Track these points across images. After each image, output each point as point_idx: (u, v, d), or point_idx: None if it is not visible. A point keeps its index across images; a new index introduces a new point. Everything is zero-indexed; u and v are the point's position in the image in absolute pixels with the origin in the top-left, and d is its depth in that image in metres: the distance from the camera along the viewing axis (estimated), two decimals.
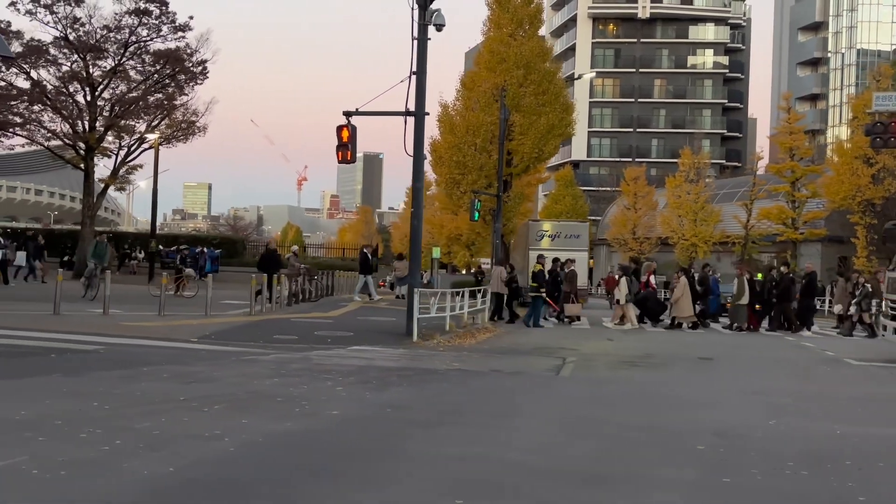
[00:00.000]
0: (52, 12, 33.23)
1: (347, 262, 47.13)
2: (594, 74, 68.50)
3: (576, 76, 53.91)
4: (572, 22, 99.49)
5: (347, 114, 16.57)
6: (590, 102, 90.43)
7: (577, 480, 5.90)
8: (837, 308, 25.05)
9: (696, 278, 24.01)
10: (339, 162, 16.58)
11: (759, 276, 24.78)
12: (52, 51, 34.32)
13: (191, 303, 21.37)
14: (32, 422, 7.10)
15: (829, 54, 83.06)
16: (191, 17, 34.65)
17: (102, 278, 21.51)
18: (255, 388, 9.44)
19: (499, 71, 28.70)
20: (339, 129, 16.55)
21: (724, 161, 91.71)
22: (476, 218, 28.09)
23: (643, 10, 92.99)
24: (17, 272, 28.78)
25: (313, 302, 24.92)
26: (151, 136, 34.90)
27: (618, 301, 23.16)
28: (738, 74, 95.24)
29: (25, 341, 13.09)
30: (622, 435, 7.58)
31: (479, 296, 21.91)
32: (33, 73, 34.16)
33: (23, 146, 36.08)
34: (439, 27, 16.42)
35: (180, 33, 34.80)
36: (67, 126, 34.74)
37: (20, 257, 29.16)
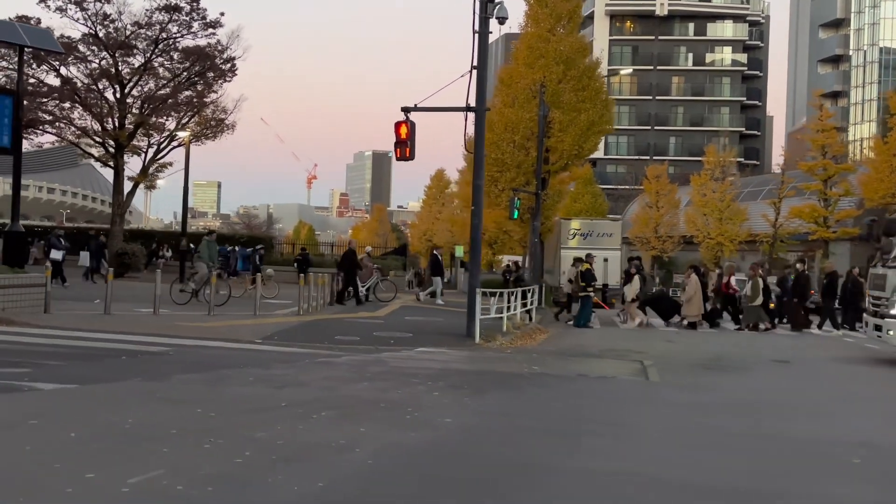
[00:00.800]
0: (82, 9, 32.92)
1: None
2: (630, 71, 68.00)
3: (608, 74, 53.42)
4: (589, 19, 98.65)
5: (406, 109, 16.18)
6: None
7: (757, 499, 5.52)
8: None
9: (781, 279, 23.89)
10: (398, 159, 16.17)
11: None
12: (81, 48, 34.03)
13: (237, 302, 21.00)
14: (146, 431, 6.75)
15: (851, 51, 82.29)
16: (222, 14, 34.37)
17: (193, 281, 21.27)
18: (350, 393, 9.09)
19: (537, 67, 28.25)
20: (398, 125, 16.16)
21: (742, 159, 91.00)
22: (516, 216, 27.66)
23: (661, 7, 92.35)
24: (86, 272, 28.68)
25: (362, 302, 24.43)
26: (182, 134, 34.56)
27: (629, 299, 22.65)
28: (757, 72, 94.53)
29: (89, 342, 12.76)
30: (759, 447, 7.20)
31: (529, 295, 21.46)
32: (63, 71, 33.88)
33: (52, 143, 35.84)
34: (502, 20, 16.04)
35: (210, 30, 34.47)
36: (97, 124, 34.45)
37: (83, 257, 28.97)
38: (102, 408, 7.83)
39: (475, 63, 15.89)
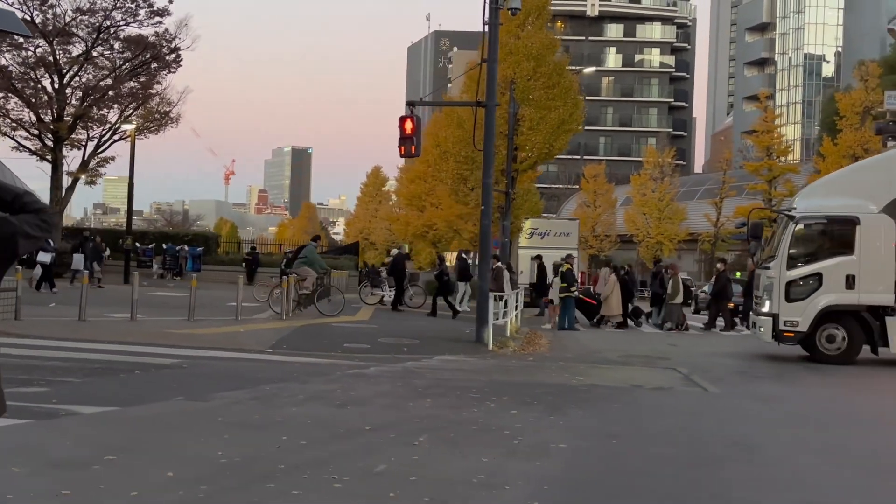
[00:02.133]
0: None
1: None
2: (593, 70, 68.03)
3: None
4: None
5: (411, 104, 15.37)
6: None
7: None
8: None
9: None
10: (402, 156, 15.35)
11: (738, 274, 24.06)
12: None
13: (203, 305, 19.51)
14: (254, 466, 5.86)
15: (777, 55, 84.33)
16: (170, 1, 32.70)
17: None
18: (423, 413, 8.28)
19: (507, 63, 27.62)
20: (402, 119, 15.32)
21: (669, 160, 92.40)
22: None
23: (592, 7, 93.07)
24: (73, 276, 26.05)
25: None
26: (127, 127, 32.77)
27: (551, 301, 22.34)
28: (684, 73, 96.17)
29: (87, 354, 11.59)
30: None
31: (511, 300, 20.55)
32: None
33: None
34: (514, 11, 15.36)
35: (157, 18, 32.75)
36: (33, 115, 32.42)
37: (77, 260, 26.35)
38: (174, 437, 6.87)
39: (486, 55, 15.15)
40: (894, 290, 14.27)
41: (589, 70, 50.29)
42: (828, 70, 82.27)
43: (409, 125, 15.26)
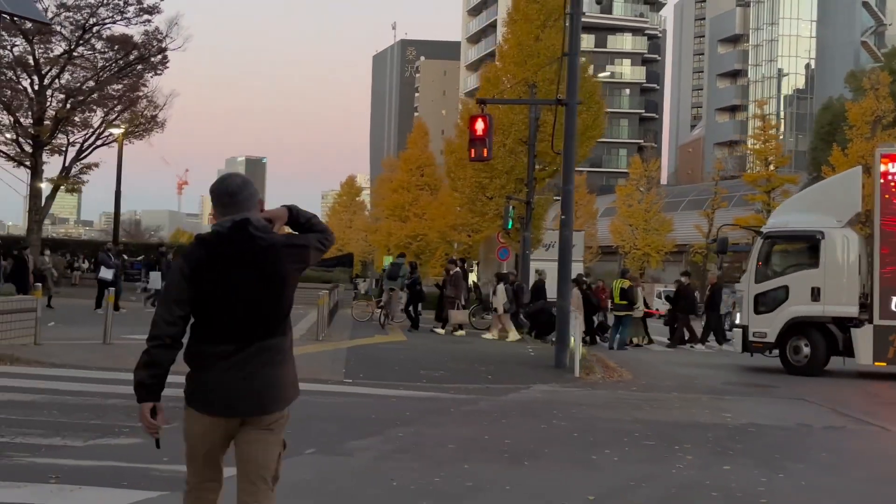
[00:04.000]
0: None
1: None
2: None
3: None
4: (491, 28, 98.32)
5: (482, 101, 13.88)
6: None
7: None
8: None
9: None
10: (472, 160, 13.83)
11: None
12: None
13: None
14: None
15: (749, 66, 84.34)
16: None
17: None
18: (633, 473, 6.75)
19: (528, 66, 26.23)
20: (473, 119, 13.81)
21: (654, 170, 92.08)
22: (510, 226, 25.50)
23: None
24: (152, 296, 22.87)
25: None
26: (115, 131, 30.65)
27: (495, 310, 20.98)
28: (654, 85, 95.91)
29: None
30: None
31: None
32: None
33: None
34: (599, 1, 13.93)
35: (146, 16, 30.77)
36: (10, 118, 30.22)
37: (154, 278, 23.05)
38: None
39: (567, 49, 13.71)
40: (858, 303, 14.70)
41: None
42: (800, 82, 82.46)
43: (480, 125, 13.76)
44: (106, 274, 20.61)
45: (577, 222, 64.31)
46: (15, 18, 21.68)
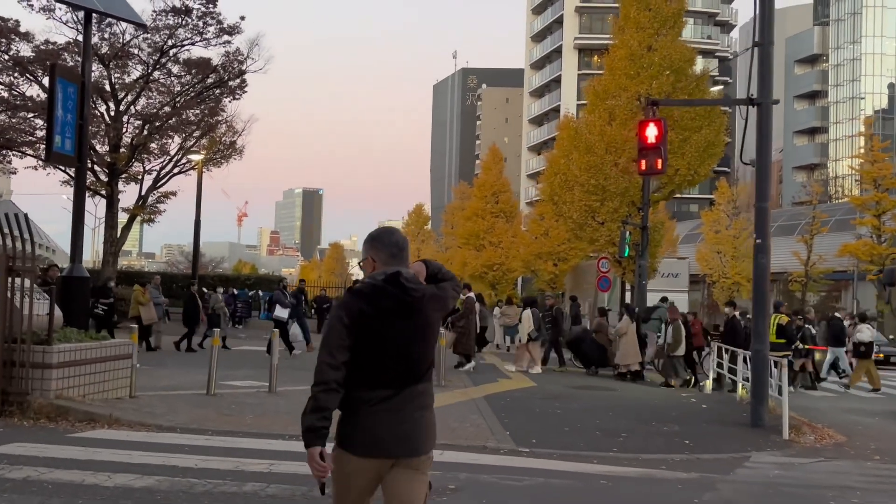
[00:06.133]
0: (74, 9, 27.44)
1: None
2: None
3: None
4: (556, 53, 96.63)
5: (653, 102, 11.63)
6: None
7: None
8: None
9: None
10: (643, 173, 11.61)
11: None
12: (66, 56, 28.45)
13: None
14: None
15: (829, 87, 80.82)
16: (242, 18, 29.23)
17: None
18: None
19: (642, 78, 24.00)
20: (642, 125, 11.59)
21: (712, 196, 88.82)
22: (626, 254, 23.18)
23: None
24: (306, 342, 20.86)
25: None
26: (195, 157, 29.13)
27: (520, 340, 18.68)
28: (727, 108, 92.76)
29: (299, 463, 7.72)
30: None
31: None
32: (46, 83, 28.20)
33: (35, 168, 29.80)
34: None
35: (226, 37, 29.20)
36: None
37: (280, 313, 20.36)
38: None
39: (757, 38, 11.40)
40: None
41: (716, 88, 46.79)
42: (883, 101, 78.76)
43: (652, 131, 11.51)
44: (282, 313, 19.18)
45: (660, 249, 61.70)
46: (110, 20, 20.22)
